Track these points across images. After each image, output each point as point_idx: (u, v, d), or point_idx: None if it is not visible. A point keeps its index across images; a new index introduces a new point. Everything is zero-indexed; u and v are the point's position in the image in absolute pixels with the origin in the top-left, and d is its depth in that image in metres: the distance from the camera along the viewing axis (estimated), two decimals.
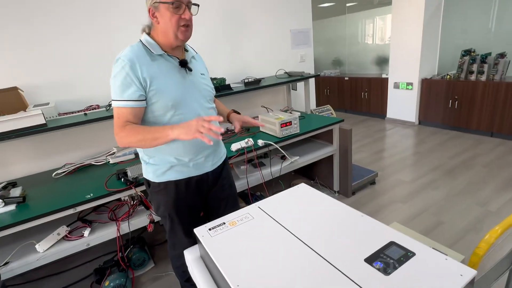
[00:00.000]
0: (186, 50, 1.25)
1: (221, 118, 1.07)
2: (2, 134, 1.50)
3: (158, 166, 1.22)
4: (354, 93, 5.36)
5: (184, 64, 1.17)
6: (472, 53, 3.83)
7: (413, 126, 4.43)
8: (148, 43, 1.13)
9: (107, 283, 1.68)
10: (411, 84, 4.34)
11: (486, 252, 0.97)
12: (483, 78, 3.64)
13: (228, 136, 2.22)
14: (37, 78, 1.90)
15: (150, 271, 1.96)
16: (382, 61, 5.26)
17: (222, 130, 0.99)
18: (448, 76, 4.01)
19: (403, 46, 4.31)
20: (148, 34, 1.16)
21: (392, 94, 4.67)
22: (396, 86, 4.55)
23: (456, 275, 0.65)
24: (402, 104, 4.56)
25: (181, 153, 1.20)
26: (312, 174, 2.81)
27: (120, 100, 1.07)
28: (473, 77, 3.74)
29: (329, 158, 2.49)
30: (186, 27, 1.12)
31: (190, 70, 1.20)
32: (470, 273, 0.65)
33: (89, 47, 2.03)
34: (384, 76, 4.84)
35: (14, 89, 1.72)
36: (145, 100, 1.10)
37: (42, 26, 1.87)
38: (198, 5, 1.15)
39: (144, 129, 1.07)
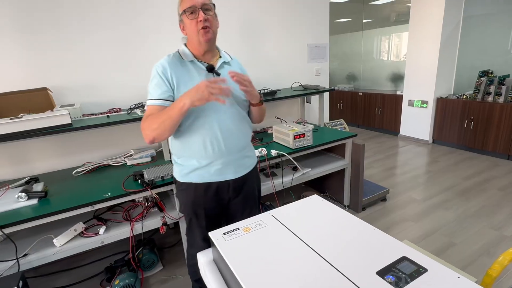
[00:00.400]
0: (221, 56, 1.31)
1: (225, 80, 1.10)
2: (31, 132, 1.58)
3: (184, 166, 1.29)
4: (368, 109, 5.35)
5: (210, 69, 1.23)
6: (490, 74, 3.80)
7: (427, 144, 4.38)
8: (182, 51, 1.25)
9: (117, 282, 1.71)
10: (426, 102, 4.32)
11: (500, 275, 0.96)
12: (501, 100, 3.60)
13: None
14: (65, 80, 2.01)
15: (158, 273, 1.98)
16: (397, 78, 5.26)
17: (231, 89, 1.07)
18: (464, 96, 3.98)
19: (419, 64, 4.31)
20: (186, 45, 1.28)
21: (406, 112, 4.65)
22: (411, 103, 4.53)
23: None
24: (416, 122, 4.53)
25: (202, 156, 1.24)
26: (323, 187, 2.81)
27: (151, 99, 1.18)
28: (490, 99, 3.70)
29: (341, 172, 2.49)
30: (205, 29, 1.18)
31: (218, 74, 1.25)
32: None
33: (115, 54, 2.14)
34: (398, 93, 4.83)
35: (44, 89, 1.82)
36: (173, 101, 1.19)
37: (73, 32, 1.98)
38: (214, 4, 1.22)
39: (161, 112, 1.14)
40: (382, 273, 0.73)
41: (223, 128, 1.23)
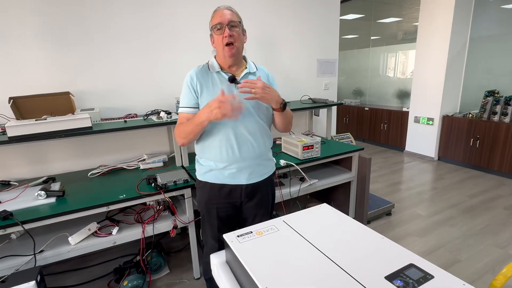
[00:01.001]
0: (246, 67, 1.39)
1: (235, 96, 1.20)
2: (54, 133, 1.66)
3: (203, 166, 1.39)
4: (374, 124, 5.41)
5: (232, 79, 1.30)
6: (496, 94, 3.85)
7: (432, 161, 4.40)
8: (211, 63, 1.36)
9: (125, 283, 1.75)
10: (432, 119, 4.36)
11: (503, 286, 0.99)
12: (507, 119, 3.63)
13: None
14: (86, 85, 2.11)
15: (164, 276, 2.01)
16: (403, 95, 5.33)
17: (243, 106, 1.17)
18: (470, 115, 4.02)
19: (425, 82, 4.38)
20: (215, 57, 1.38)
21: (412, 128, 4.69)
22: (417, 120, 4.58)
23: None
24: (422, 139, 4.57)
25: (218, 159, 1.33)
26: (328, 199, 2.84)
27: (181, 107, 1.33)
28: (496, 118, 3.74)
29: (346, 185, 2.53)
30: (230, 45, 1.26)
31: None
32: None
33: (134, 63, 2.23)
34: (404, 109, 4.89)
35: (67, 93, 1.91)
36: (198, 108, 1.29)
37: (96, 42, 2.09)
38: (240, 21, 1.30)
39: (188, 122, 1.26)
40: (390, 278, 0.77)
41: (238, 135, 1.30)
